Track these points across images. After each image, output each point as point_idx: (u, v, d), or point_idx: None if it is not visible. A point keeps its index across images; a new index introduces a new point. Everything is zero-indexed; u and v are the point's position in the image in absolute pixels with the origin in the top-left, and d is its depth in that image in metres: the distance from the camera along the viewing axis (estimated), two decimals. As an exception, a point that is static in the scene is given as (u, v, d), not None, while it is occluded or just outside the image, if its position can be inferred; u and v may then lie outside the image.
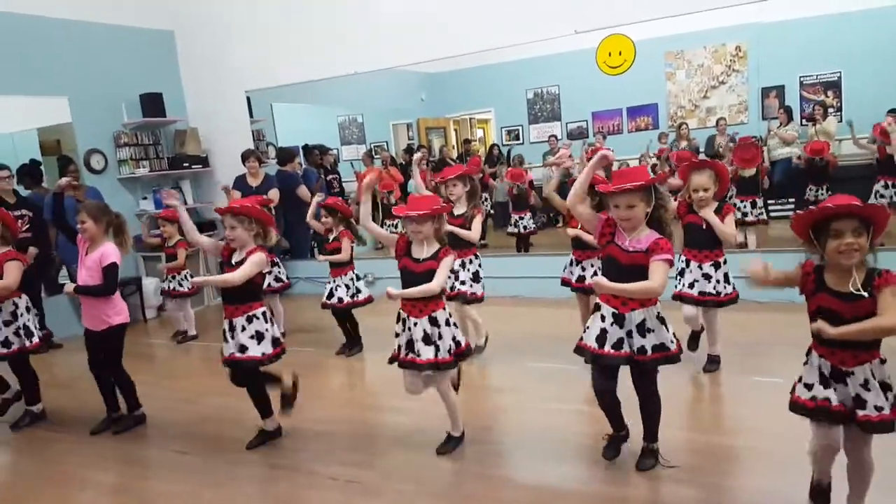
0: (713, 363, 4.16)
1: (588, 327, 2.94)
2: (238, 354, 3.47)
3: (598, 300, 2.93)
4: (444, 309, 3.23)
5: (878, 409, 2.19)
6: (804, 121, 7.58)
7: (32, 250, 5.76)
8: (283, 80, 7.49)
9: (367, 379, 4.87)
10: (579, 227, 4.15)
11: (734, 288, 3.98)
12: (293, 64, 7.27)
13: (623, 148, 7.95)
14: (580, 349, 2.95)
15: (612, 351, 2.83)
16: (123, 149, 7.42)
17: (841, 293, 2.17)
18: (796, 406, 2.34)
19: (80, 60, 7.00)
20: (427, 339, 3.15)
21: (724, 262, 3.97)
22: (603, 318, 2.86)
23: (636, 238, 2.76)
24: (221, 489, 3.29)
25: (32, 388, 4.40)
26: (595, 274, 4.19)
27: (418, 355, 3.16)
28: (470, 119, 9.99)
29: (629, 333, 2.82)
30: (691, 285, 3.96)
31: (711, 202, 3.84)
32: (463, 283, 4.57)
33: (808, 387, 2.30)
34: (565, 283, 4.46)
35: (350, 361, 5.14)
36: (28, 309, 4.25)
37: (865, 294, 2.13)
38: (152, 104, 7.53)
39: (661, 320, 2.85)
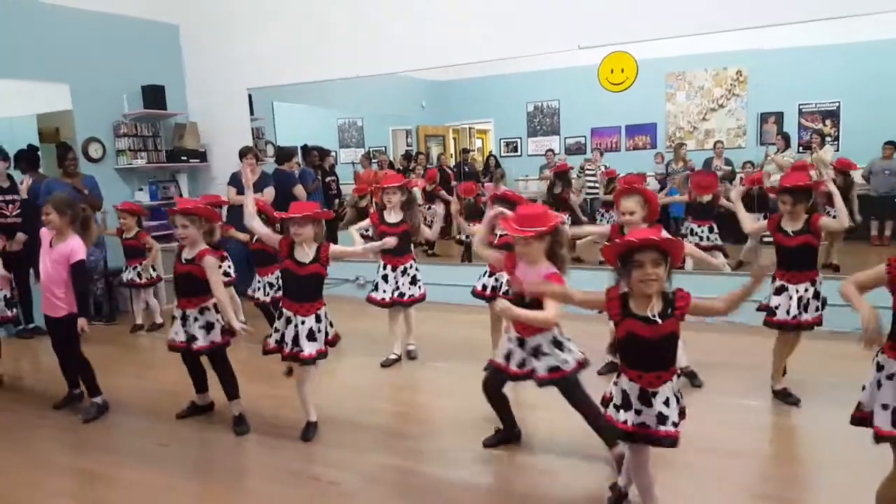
0: (694, 377, 4.22)
1: (500, 347, 3.30)
2: (190, 343, 3.79)
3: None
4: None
5: (675, 424, 2.46)
6: (801, 148, 7.64)
7: (21, 236, 5.74)
8: (285, 80, 7.49)
9: (352, 381, 4.85)
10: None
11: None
12: (296, 64, 7.27)
13: (620, 166, 7.99)
14: (491, 365, 3.31)
15: (516, 369, 3.18)
16: (122, 139, 7.40)
17: (644, 317, 2.40)
18: (618, 431, 2.54)
19: (84, 48, 6.99)
20: (311, 335, 3.54)
21: None
22: (510, 340, 3.22)
23: (533, 271, 3.01)
24: (198, 482, 3.27)
25: None
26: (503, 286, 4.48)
27: (302, 350, 3.52)
28: (469, 129, 10.02)
29: (529, 354, 3.14)
30: None
31: (640, 224, 3.82)
32: (402, 293, 4.81)
33: (617, 408, 2.53)
34: (477, 294, 4.66)
35: (333, 363, 5.12)
36: None
37: (660, 321, 2.38)
38: (154, 96, 7.52)
39: (558, 344, 3.13)
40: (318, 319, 3.59)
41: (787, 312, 3.76)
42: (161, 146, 7.78)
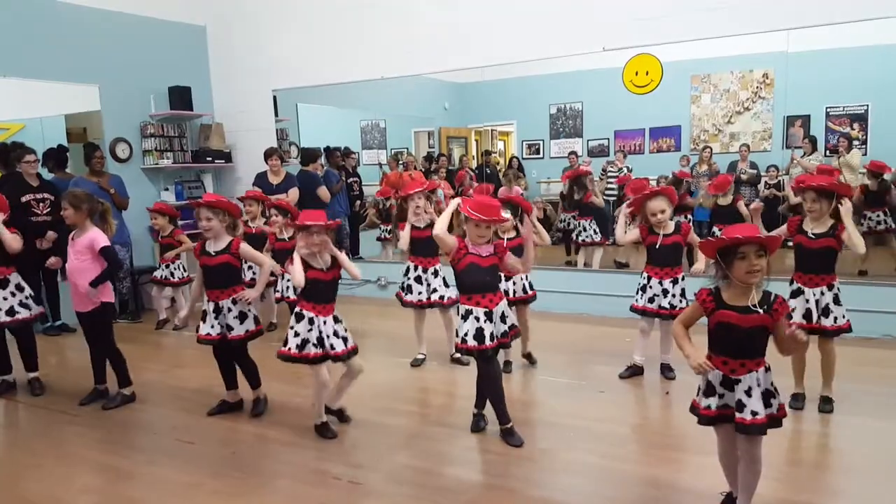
0: (670, 371, 4.50)
1: (467, 332, 3.44)
2: (227, 333, 3.90)
3: (466, 306, 3.47)
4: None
5: (754, 413, 2.45)
6: (828, 152, 7.52)
7: (51, 234, 5.83)
8: (310, 81, 7.56)
9: (376, 381, 4.87)
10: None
11: (689, 304, 4.13)
12: (321, 65, 7.34)
13: (644, 168, 7.93)
14: (466, 351, 3.49)
15: (490, 343, 3.44)
16: (149, 139, 7.52)
17: (738, 307, 2.44)
18: (701, 417, 2.59)
19: (112, 50, 7.11)
20: (336, 334, 3.64)
21: (683, 279, 4.32)
22: (477, 319, 3.43)
23: (485, 247, 3.47)
24: (225, 480, 3.30)
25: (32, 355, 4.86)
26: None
27: (332, 348, 3.59)
28: (492, 130, 10.01)
29: (495, 324, 3.46)
30: (651, 300, 4.34)
31: (668, 222, 4.27)
32: (435, 290, 4.86)
33: (704, 395, 2.57)
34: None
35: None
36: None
37: (761, 310, 2.41)
38: (180, 97, 7.63)
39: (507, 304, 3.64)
40: (336, 320, 3.66)
41: (803, 317, 3.71)
42: (187, 146, 7.89)
